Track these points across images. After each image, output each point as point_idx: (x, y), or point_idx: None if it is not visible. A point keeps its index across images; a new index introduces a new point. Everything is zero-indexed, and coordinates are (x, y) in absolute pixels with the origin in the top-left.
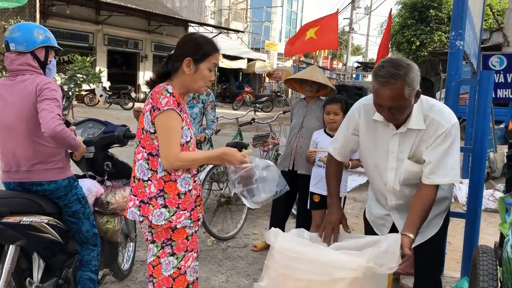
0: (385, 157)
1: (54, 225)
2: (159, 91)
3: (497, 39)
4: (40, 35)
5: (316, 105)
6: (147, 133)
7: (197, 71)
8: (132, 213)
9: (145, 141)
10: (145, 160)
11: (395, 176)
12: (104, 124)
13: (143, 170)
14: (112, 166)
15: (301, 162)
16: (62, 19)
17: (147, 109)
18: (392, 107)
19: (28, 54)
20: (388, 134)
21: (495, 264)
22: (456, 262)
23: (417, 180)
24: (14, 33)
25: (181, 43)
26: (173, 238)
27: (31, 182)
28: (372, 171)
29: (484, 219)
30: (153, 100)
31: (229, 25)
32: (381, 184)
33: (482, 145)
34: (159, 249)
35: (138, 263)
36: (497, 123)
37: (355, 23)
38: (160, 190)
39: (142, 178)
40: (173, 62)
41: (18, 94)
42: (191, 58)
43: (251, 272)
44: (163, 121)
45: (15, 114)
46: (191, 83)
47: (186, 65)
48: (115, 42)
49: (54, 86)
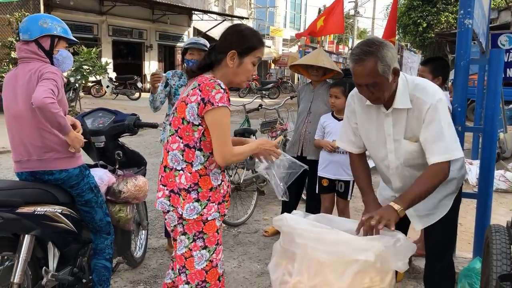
0: (383, 140)
1: (67, 214)
2: (209, 84)
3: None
4: (45, 24)
5: (323, 89)
6: (188, 124)
7: (241, 65)
8: (161, 203)
9: (184, 131)
10: (181, 151)
11: (395, 158)
12: (114, 114)
13: (178, 160)
14: (123, 155)
15: (310, 147)
16: (66, 11)
17: (193, 100)
18: (369, 84)
19: (33, 43)
20: (381, 117)
21: (508, 243)
22: (468, 242)
23: (418, 160)
24: (22, 23)
25: (225, 35)
26: (205, 231)
27: (42, 171)
28: (375, 155)
29: (495, 200)
30: (203, 92)
31: (233, 12)
32: (384, 168)
33: (492, 125)
34: (191, 242)
35: (151, 251)
36: (507, 103)
37: (360, 6)
38: (195, 183)
39: (174, 168)
40: (216, 53)
41: (23, 83)
42: (236, 51)
43: (263, 257)
44: (218, 117)
45: (22, 102)
46: (234, 76)
47: (230, 57)
48: (120, 33)
49: (55, 71)
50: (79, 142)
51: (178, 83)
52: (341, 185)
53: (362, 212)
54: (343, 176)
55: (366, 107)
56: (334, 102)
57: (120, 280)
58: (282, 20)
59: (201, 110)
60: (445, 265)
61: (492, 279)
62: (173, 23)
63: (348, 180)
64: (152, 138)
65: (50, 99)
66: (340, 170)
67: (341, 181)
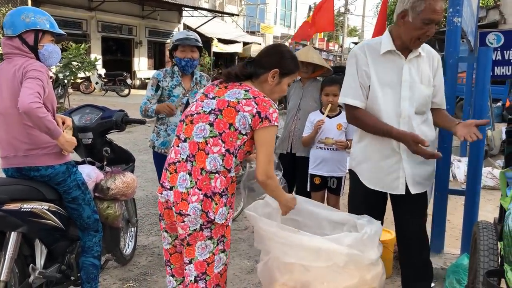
0: (398, 88)
1: (55, 211)
2: (266, 101)
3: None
4: (27, 18)
5: (312, 86)
6: (235, 131)
7: (279, 84)
8: (194, 209)
9: (229, 136)
10: (221, 156)
11: (409, 105)
12: (101, 110)
13: (216, 164)
14: (111, 151)
15: (299, 144)
16: (54, 6)
17: (247, 110)
18: (437, 22)
19: (16, 38)
20: (399, 65)
21: (495, 239)
22: (456, 239)
23: (426, 106)
24: (6, 17)
25: (270, 53)
26: (225, 235)
27: (28, 167)
28: (385, 106)
29: (483, 196)
30: (259, 106)
31: (223, 9)
32: (394, 117)
33: None
34: (215, 246)
35: (140, 248)
36: (494, 101)
37: (350, 4)
38: (226, 188)
39: (211, 171)
40: (257, 67)
41: (7, 79)
42: (279, 70)
43: (253, 254)
44: (271, 135)
45: (7, 99)
46: (270, 93)
47: (272, 75)
48: (109, 29)
49: (39, 68)
50: (71, 145)
51: (172, 84)
52: (334, 181)
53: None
54: (336, 172)
55: (381, 57)
56: (333, 100)
57: (109, 278)
58: (272, 17)
59: (255, 123)
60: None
61: (479, 275)
62: (163, 19)
63: (341, 176)
64: (141, 135)
65: (36, 103)
66: (333, 166)
67: (334, 177)
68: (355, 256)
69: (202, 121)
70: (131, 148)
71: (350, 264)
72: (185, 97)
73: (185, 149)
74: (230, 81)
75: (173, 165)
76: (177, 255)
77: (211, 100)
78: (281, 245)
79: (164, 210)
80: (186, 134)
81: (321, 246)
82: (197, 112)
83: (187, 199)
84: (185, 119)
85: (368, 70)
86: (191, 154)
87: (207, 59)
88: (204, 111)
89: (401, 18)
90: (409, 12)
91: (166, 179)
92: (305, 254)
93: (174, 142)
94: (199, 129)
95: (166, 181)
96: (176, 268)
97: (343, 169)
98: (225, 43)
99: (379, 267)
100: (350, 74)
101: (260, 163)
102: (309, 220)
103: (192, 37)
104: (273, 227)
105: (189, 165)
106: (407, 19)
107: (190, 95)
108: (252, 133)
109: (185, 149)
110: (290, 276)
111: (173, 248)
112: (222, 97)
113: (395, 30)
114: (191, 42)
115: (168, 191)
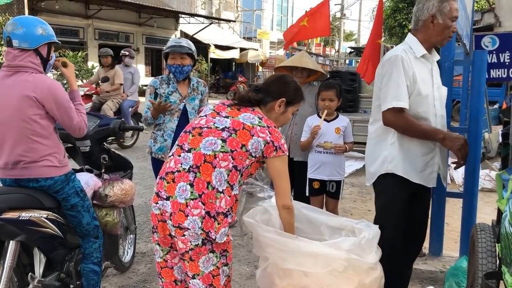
0: (431, 89)
1: (53, 219)
2: (278, 132)
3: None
4: (43, 31)
5: (307, 91)
6: (246, 152)
7: (284, 113)
8: (193, 222)
9: (239, 155)
10: (228, 171)
11: (440, 106)
12: (99, 118)
13: (221, 179)
14: (108, 159)
15: (296, 149)
16: (51, 15)
17: (261, 136)
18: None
19: (32, 52)
20: (429, 67)
21: (493, 241)
22: (455, 242)
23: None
24: (17, 29)
25: (276, 83)
26: (228, 249)
27: (27, 179)
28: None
29: (481, 199)
30: (272, 135)
31: (220, 15)
32: (432, 117)
33: (477, 125)
34: (218, 259)
35: (139, 255)
36: (491, 104)
37: (346, 9)
38: (231, 207)
39: (217, 188)
40: (264, 95)
41: (17, 92)
42: (285, 100)
43: (252, 260)
44: (284, 164)
45: (13, 111)
46: (275, 121)
47: (279, 104)
48: (106, 36)
49: (57, 87)
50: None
51: (168, 90)
52: (333, 185)
53: (351, 213)
54: (335, 176)
55: (418, 60)
56: (329, 105)
57: (108, 285)
58: (269, 23)
59: (268, 150)
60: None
61: (478, 277)
62: (160, 26)
63: (340, 180)
64: (139, 142)
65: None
66: (333, 170)
67: (333, 181)
68: (353, 260)
69: (213, 136)
70: (129, 155)
71: (349, 269)
72: (182, 103)
73: (188, 159)
74: (243, 105)
75: (171, 174)
76: (168, 270)
77: (224, 119)
78: (279, 251)
79: (158, 222)
80: (191, 145)
81: (320, 252)
82: (208, 127)
83: (185, 211)
84: (192, 131)
85: (415, 72)
86: (195, 165)
87: (204, 65)
88: (217, 127)
89: (431, 23)
90: (437, 15)
91: (163, 188)
92: (304, 259)
93: (175, 152)
94: (208, 142)
95: (162, 190)
96: (166, 283)
97: (342, 173)
98: (222, 49)
99: (378, 271)
100: (397, 77)
101: (281, 192)
102: (308, 226)
103: (181, 45)
104: (272, 233)
105: (191, 176)
106: (437, 22)
107: (187, 101)
108: (260, 157)
109: (188, 159)
110: (289, 281)
111: (164, 262)
112: (237, 118)
113: (421, 35)
114: (180, 50)
115: (164, 201)
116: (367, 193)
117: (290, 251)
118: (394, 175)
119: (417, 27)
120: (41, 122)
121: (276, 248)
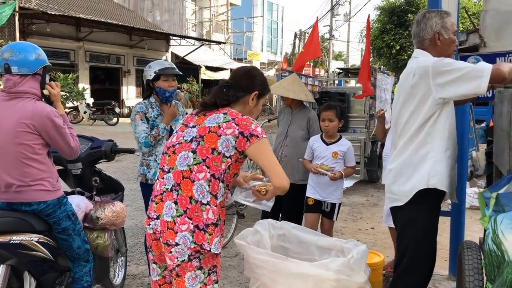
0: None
1: (44, 243)
2: (246, 119)
3: (473, 40)
4: (39, 55)
5: (300, 113)
6: (219, 155)
7: (257, 105)
8: (184, 238)
9: (213, 161)
10: (207, 182)
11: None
12: (90, 140)
13: (203, 192)
14: (100, 181)
15: (287, 170)
16: (42, 37)
17: (229, 133)
18: None
19: (31, 76)
20: None
21: (480, 258)
22: (444, 260)
23: None
24: (15, 55)
25: (248, 77)
26: (217, 264)
27: (20, 202)
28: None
29: (470, 217)
30: (240, 126)
31: (210, 37)
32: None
33: (463, 143)
34: (206, 276)
35: (130, 278)
36: (478, 122)
37: (335, 30)
38: (218, 216)
39: (200, 201)
40: (236, 91)
41: (14, 119)
42: (258, 92)
43: (243, 281)
44: (264, 147)
45: (8, 137)
46: (249, 114)
47: (252, 97)
48: (97, 58)
49: (56, 114)
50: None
51: (154, 114)
52: (328, 205)
53: (341, 232)
54: (331, 198)
55: None
56: (328, 126)
57: None
58: (259, 44)
59: (240, 143)
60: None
61: None
62: (151, 48)
63: (335, 202)
64: (130, 164)
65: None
66: (328, 192)
67: (327, 202)
68: (343, 281)
69: (184, 150)
70: (120, 177)
71: None
72: (168, 125)
73: (170, 179)
74: (209, 110)
75: (159, 196)
76: (167, 286)
77: (191, 129)
78: (270, 273)
79: (152, 241)
80: (169, 165)
81: (309, 273)
82: (179, 142)
83: (173, 228)
84: (167, 151)
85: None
86: (176, 183)
87: (195, 86)
88: (186, 140)
89: (438, 39)
90: (442, 31)
91: (152, 209)
92: (293, 280)
93: (159, 175)
94: (182, 158)
95: (152, 211)
96: None
97: (338, 196)
98: (213, 71)
99: None
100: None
101: (273, 174)
102: (298, 246)
103: (173, 66)
104: (262, 255)
105: (174, 194)
106: (443, 37)
107: (173, 123)
108: (237, 155)
109: (169, 180)
110: None
111: (163, 279)
112: (203, 124)
113: (432, 51)
114: (173, 71)
115: (155, 220)
116: (358, 212)
117: (280, 272)
118: (434, 191)
119: (424, 47)
120: (36, 147)
121: (266, 269)
